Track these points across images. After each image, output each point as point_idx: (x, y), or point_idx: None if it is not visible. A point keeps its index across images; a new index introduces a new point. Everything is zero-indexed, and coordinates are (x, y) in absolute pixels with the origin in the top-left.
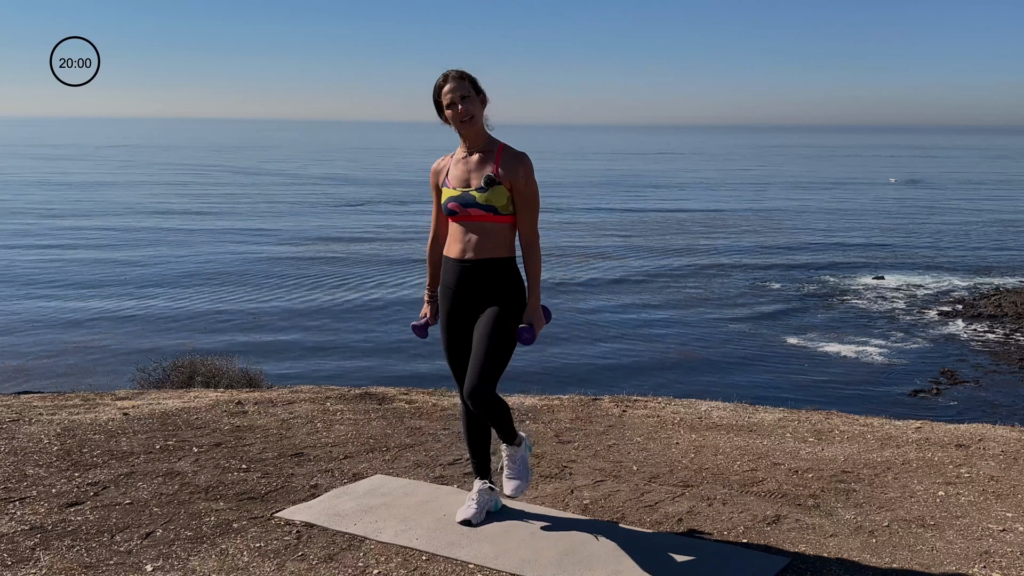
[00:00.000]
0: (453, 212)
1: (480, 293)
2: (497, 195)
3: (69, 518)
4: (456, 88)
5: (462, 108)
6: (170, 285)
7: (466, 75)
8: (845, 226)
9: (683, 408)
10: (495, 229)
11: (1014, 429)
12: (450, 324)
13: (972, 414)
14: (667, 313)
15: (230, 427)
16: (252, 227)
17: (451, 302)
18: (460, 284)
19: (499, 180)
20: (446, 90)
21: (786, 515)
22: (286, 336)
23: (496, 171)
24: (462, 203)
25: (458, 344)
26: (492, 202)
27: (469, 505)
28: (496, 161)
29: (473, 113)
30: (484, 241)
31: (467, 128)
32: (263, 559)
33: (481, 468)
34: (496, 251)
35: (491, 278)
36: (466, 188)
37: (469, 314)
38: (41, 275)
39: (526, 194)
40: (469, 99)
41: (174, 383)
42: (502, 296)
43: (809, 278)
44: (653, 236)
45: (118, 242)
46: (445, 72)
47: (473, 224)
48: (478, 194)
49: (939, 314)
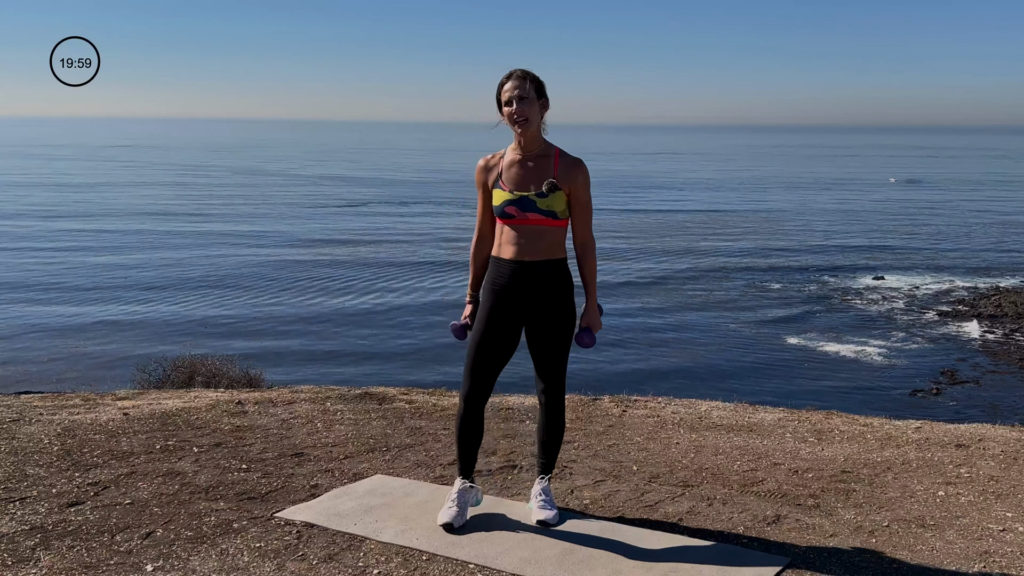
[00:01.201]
0: (510, 216)
1: (534, 294)
2: (557, 200)
3: (69, 518)
4: (517, 87)
5: (518, 108)
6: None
7: (531, 76)
8: (845, 226)
9: (683, 408)
10: (551, 232)
11: (1014, 429)
12: (493, 321)
13: (972, 414)
14: (667, 313)
15: (230, 427)
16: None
17: (500, 301)
18: (513, 284)
19: (560, 186)
20: (507, 87)
21: (786, 515)
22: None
23: (556, 177)
24: (520, 207)
25: (493, 342)
26: (552, 207)
27: (450, 507)
28: (555, 166)
29: (528, 116)
30: (540, 243)
31: (521, 129)
32: (263, 559)
33: (465, 468)
34: (552, 252)
35: (546, 279)
36: (524, 192)
37: (518, 314)
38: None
39: (584, 200)
40: (528, 101)
41: (174, 383)
42: (557, 300)
43: (809, 278)
44: (653, 236)
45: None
46: (511, 70)
47: (530, 227)
48: (539, 199)
49: (939, 314)
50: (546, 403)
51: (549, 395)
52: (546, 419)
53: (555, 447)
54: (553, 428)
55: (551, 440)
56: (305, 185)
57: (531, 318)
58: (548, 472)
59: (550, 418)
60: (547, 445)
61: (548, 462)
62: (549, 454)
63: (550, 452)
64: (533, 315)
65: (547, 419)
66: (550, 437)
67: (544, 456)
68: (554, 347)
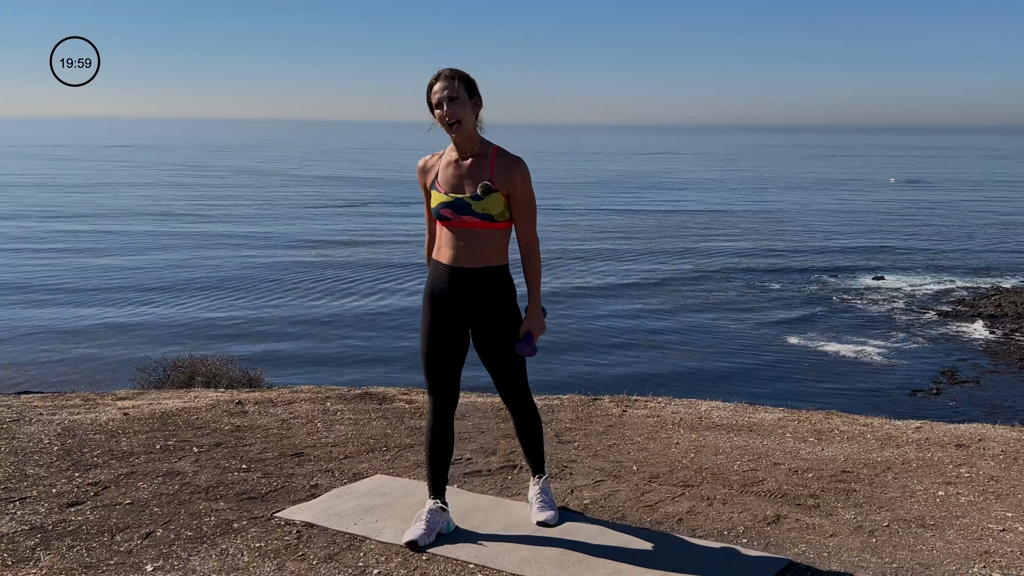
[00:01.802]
0: (446, 218)
1: (473, 302)
2: (494, 203)
3: (69, 518)
4: (446, 87)
5: (448, 110)
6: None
7: (459, 75)
8: (845, 226)
9: (683, 408)
10: (489, 235)
11: (1014, 429)
12: (435, 330)
13: (972, 414)
14: (667, 313)
15: (230, 427)
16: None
17: (440, 308)
18: (451, 291)
19: (496, 187)
20: (436, 89)
21: (786, 515)
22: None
23: (492, 178)
24: (455, 209)
25: (440, 351)
26: (489, 210)
27: (418, 525)
28: (491, 167)
29: (460, 117)
30: (478, 248)
31: (455, 131)
32: (263, 559)
33: (436, 487)
34: (491, 259)
35: (485, 287)
36: (459, 195)
37: (459, 322)
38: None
39: (524, 200)
40: (458, 101)
41: (174, 383)
42: (498, 307)
43: (809, 278)
44: (653, 237)
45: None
46: (439, 70)
47: (466, 231)
48: (474, 202)
49: (939, 314)
50: (511, 407)
51: (510, 399)
52: (516, 422)
53: (536, 445)
54: (527, 428)
55: (529, 440)
56: (305, 185)
57: (473, 324)
58: (540, 472)
59: (520, 420)
60: (528, 446)
61: (535, 462)
62: (533, 454)
63: (533, 452)
64: (474, 321)
65: (517, 421)
66: (527, 437)
67: (529, 457)
68: (500, 353)
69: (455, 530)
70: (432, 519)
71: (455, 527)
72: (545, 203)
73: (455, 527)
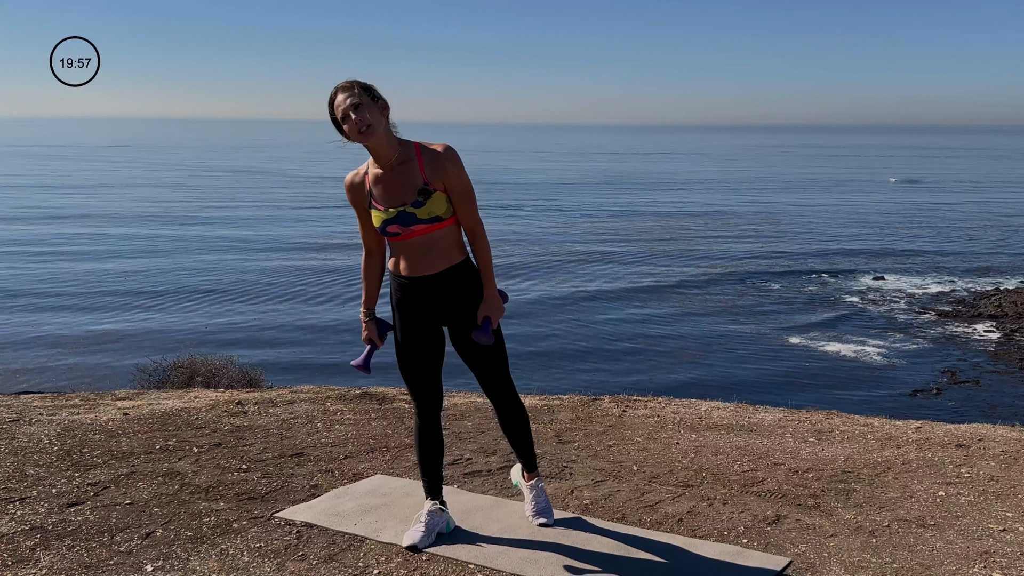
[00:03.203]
0: (395, 234)
1: (442, 303)
2: (436, 203)
3: (69, 518)
4: (347, 97)
5: (356, 117)
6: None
7: (357, 83)
8: (845, 226)
9: (683, 408)
10: (443, 235)
11: (1014, 429)
12: (408, 337)
13: (972, 414)
14: (667, 313)
15: (230, 427)
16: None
17: (408, 316)
18: (418, 299)
19: (432, 187)
20: (337, 102)
21: (786, 515)
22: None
23: (424, 179)
24: (401, 223)
25: (416, 357)
26: (434, 212)
27: (416, 528)
28: (420, 167)
29: (371, 121)
30: (436, 252)
31: (368, 139)
32: (263, 559)
33: (433, 488)
34: (450, 258)
35: (451, 286)
36: (400, 206)
37: (431, 325)
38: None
39: (460, 188)
40: (363, 107)
41: (174, 383)
42: (470, 300)
43: (809, 278)
44: (653, 236)
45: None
46: (336, 85)
47: (419, 239)
48: (417, 209)
49: (939, 314)
50: (494, 401)
51: (493, 392)
52: (501, 416)
53: (525, 440)
54: (512, 422)
55: (517, 435)
56: (305, 185)
57: (446, 322)
58: (531, 469)
59: (504, 413)
60: (515, 441)
61: (525, 459)
62: (521, 450)
63: (521, 448)
64: (447, 320)
65: (501, 416)
66: (514, 432)
67: (518, 453)
68: (479, 351)
69: (455, 529)
70: (431, 520)
71: (455, 526)
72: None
73: (455, 526)
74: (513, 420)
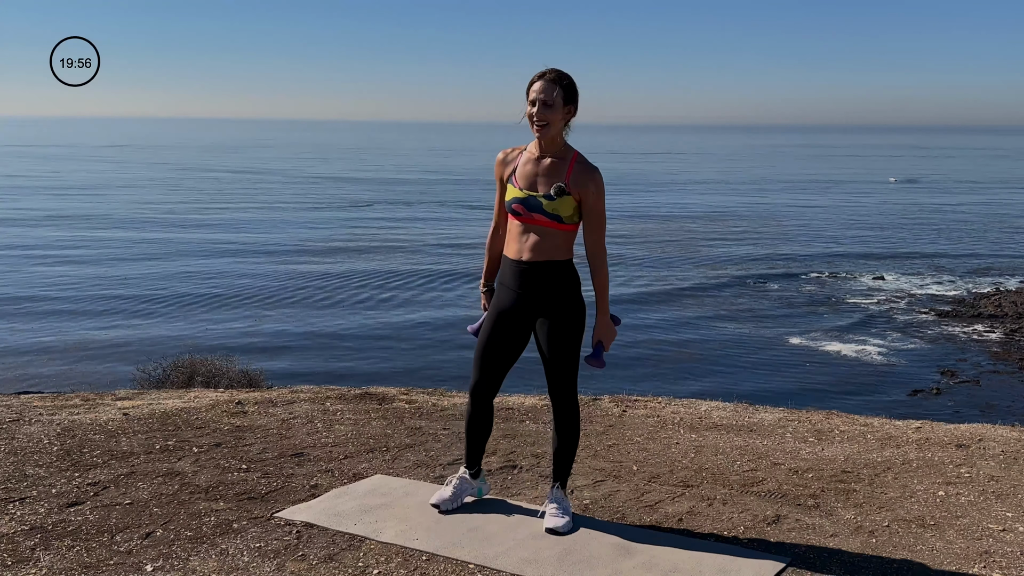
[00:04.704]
0: (517, 213)
1: (538, 296)
2: (564, 205)
3: (69, 518)
4: (543, 90)
5: (539, 113)
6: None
7: (562, 82)
8: (845, 226)
9: (683, 408)
10: (555, 234)
11: (1014, 429)
12: (498, 321)
13: (972, 414)
14: (667, 313)
15: (230, 427)
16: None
17: (506, 301)
18: (518, 285)
19: (569, 191)
20: (535, 88)
21: (786, 515)
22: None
23: (567, 182)
24: (527, 206)
25: (499, 341)
26: (559, 211)
27: (445, 490)
28: (568, 171)
29: (550, 121)
30: (543, 244)
31: (540, 133)
32: (263, 559)
33: (472, 458)
34: (554, 254)
35: (549, 280)
36: (533, 192)
37: (523, 315)
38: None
39: (594, 209)
40: (552, 108)
41: (174, 383)
42: (562, 300)
43: (809, 278)
44: (652, 236)
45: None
46: (544, 70)
47: (534, 227)
48: (545, 201)
49: (939, 314)
50: (553, 408)
51: (554, 400)
52: (555, 425)
53: (565, 454)
54: (561, 435)
55: (560, 447)
56: (305, 186)
57: (536, 316)
58: (560, 480)
59: (558, 424)
60: (557, 452)
61: (559, 469)
62: (559, 461)
63: (560, 459)
64: (538, 314)
65: (555, 425)
66: (559, 444)
67: (555, 462)
68: (554, 349)
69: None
70: (460, 486)
71: (487, 491)
72: None
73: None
74: (563, 427)
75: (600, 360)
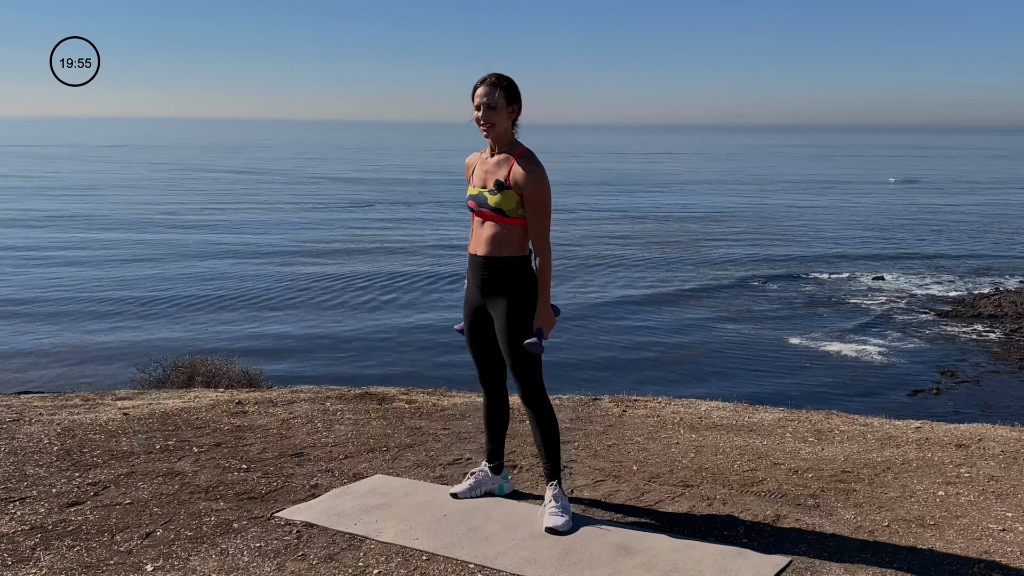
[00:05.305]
0: (471, 209)
1: (494, 289)
2: (507, 199)
3: (69, 518)
4: (486, 95)
5: (484, 116)
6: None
7: (502, 85)
8: (845, 226)
9: (683, 408)
10: (506, 229)
11: (1014, 429)
12: (468, 314)
13: (972, 414)
14: (667, 313)
15: (230, 427)
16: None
17: (470, 294)
18: (476, 279)
19: (509, 185)
20: (478, 93)
21: (786, 515)
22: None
23: (508, 177)
24: (477, 202)
25: (477, 336)
26: (501, 205)
27: (466, 481)
28: (510, 167)
29: (495, 122)
30: (495, 238)
31: (487, 133)
32: (263, 559)
33: (493, 453)
34: (506, 249)
35: (499, 275)
36: (483, 188)
37: (483, 308)
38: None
39: (534, 203)
40: (495, 109)
41: (174, 383)
42: (513, 294)
43: (809, 278)
44: (652, 236)
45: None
46: (486, 75)
47: (487, 222)
48: (490, 196)
49: (939, 314)
50: (525, 403)
51: (522, 396)
52: (530, 421)
53: (550, 449)
54: (539, 427)
55: (543, 443)
56: (305, 187)
57: (491, 310)
58: (553, 478)
59: (532, 418)
60: (541, 449)
61: (549, 466)
62: (547, 458)
63: (547, 456)
64: (491, 308)
65: (531, 420)
66: (541, 440)
67: (543, 460)
68: (503, 343)
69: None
70: (480, 478)
71: (510, 490)
72: None
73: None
74: (539, 424)
75: (539, 345)
